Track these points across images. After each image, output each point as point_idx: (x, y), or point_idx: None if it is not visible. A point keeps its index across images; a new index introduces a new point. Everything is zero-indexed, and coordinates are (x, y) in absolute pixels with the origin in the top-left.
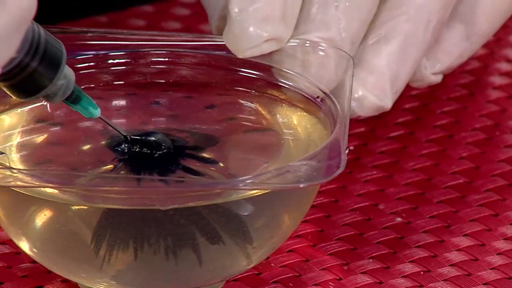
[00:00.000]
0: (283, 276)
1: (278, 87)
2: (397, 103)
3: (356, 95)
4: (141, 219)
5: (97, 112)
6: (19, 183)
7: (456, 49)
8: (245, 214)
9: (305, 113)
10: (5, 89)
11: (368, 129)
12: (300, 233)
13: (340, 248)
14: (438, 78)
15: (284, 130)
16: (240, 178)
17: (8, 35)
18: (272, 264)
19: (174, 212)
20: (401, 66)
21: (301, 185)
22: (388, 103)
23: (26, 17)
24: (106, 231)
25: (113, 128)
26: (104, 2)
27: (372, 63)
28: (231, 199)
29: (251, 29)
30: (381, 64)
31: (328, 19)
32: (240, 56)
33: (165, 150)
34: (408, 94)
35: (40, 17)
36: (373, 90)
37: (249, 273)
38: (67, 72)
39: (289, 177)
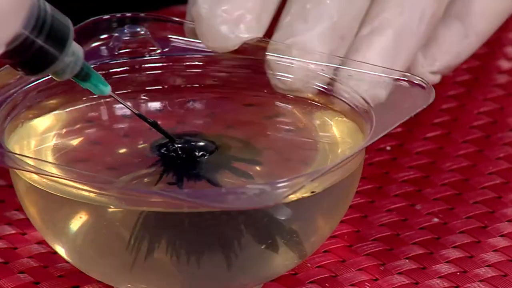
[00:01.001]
0: (319, 277)
1: (314, 89)
2: (434, 104)
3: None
4: (178, 222)
5: (108, 89)
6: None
7: (453, 47)
8: (284, 218)
9: (342, 117)
10: (13, 66)
11: (405, 130)
12: (337, 233)
13: (377, 249)
14: (436, 78)
15: (320, 134)
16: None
17: (11, 10)
18: (309, 265)
19: (211, 216)
20: (394, 58)
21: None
22: (382, 94)
23: None
24: (143, 234)
25: (126, 106)
26: (139, 2)
27: (366, 55)
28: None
29: (222, 28)
30: (374, 56)
31: (320, 14)
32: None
33: (202, 153)
34: (445, 94)
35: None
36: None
37: (286, 273)
38: (75, 48)
39: (327, 177)
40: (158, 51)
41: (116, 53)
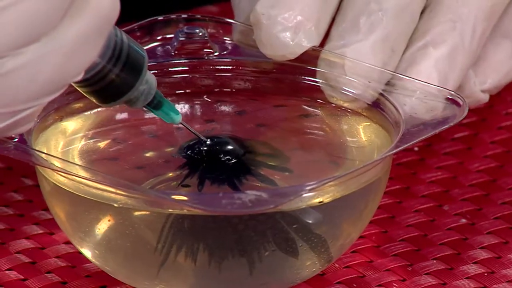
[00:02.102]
0: (347, 277)
1: (342, 95)
2: None
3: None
4: (204, 225)
5: (179, 118)
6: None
7: (503, 66)
8: (313, 221)
9: (369, 121)
10: (87, 95)
11: None
12: (364, 234)
13: (404, 249)
14: (486, 97)
15: (348, 138)
16: (307, 183)
17: (91, 37)
18: (336, 265)
19: (239, 220)
20: (450, 72)
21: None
22: (439, 106)
23: (109, 19)
24: (170, 237)
25: (194, 133)
26: (168, 2)
27: (421, 68)
28: (298, 207)
29: (282, 35)
30: (430, 68)
31: (373, 27)
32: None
33: (228, 157)
34: None
35: (156, 5)
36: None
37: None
38: (149, 77)
39: (354, 182)
40: (216, 53)
41: (173, 53)
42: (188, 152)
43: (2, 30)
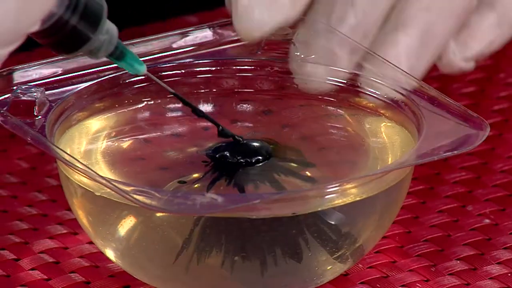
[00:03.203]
0: (370, 277)
1: (364, 95)
2: (486, 104)
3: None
4: (228, 227)
5: (143, 68)
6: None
7: (486, 35)
8: (336, 222)
9: (390, 121)
10: (49, 46)
11: None
12: (388, 234)
13: (428, 250)
14: (469, 65)
15: (371, 138)
16: (329, 184)
17: None
18: (360, 265)
19: (262, 222)
20: (419, 57)
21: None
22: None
23: None
24: (193, 238)
25: (163, 86)
26: (194, 2)
27: (389, 54)
28: (322, 208)
29: (257, 12)
30: (398, 54)
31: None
32: (247, 40)
33: (256, 157)
34: (496, 95)
35: (130, 16)
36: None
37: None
38: (109, 27)
39: (377, 182)
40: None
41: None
42: (213, 153)
43: None
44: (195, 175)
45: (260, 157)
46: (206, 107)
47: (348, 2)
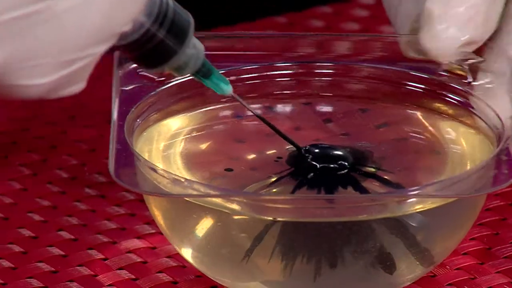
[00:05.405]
0: (457, 279)
1: (443, 101)
2: None
3: None
4: (305, 230)
5: (229, 89)
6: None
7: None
8: (418, 226)
9: (470, 128)
10: (136, 61)
11: None
12: (476, 235)
13: None
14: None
15: (450, 144)
16: (410, 189)
17: None
18: (447, 267)
19: (342, 226)
20: None
21: (470, 195)
22: None
23: None
24: (274, 243)
25: (247, 107)
26: (282, 3)
27: None
28: (404, 213)
29: (451, 31)
30: None
31: None
32: (438, 59)
33: (335, 163)
34: None
35: (219, 17)
36: None
37: (424, 275)
38: (196, 43)
39: (457, 187)
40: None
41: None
42: (294, 157)
43: None
44: (273, 178)
45: (340, 162)
46: (299, 108)
47: None
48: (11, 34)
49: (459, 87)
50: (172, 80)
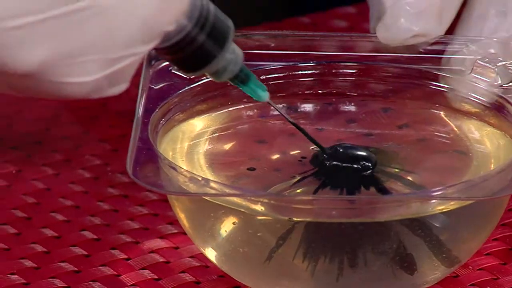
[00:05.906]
0: (480, 279)
1: (467, 101)
2: None
3: None
4: (328, 231)
5: (266, 95)
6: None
7: None
8: (441, 226)
9: (494, 129)
10: (176, 64)
11: None
12: (498, 236)
13: None
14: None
15: (474, 144)
16: (433, 189)
17: None
18: (470, 267)
19: (363, 227)
20: None
21: (492, 196)
22: None
23: None
24: (297, 243)
25: (282, 114)
26: (307, 3)
27: None
28: (427, 213)
29: (402, 22)
30: None
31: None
32: (390, 44)
33: (358, 164)
34: None
35: (244, 17)
36: None
37: (447, 275)
38: (236, 48)
39: (480, 188)
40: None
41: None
42: (317, 157)
43: None
44: (297, 178)
45: (363, 163)
46: (322, 108)
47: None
48: (57, 30)
49: (484, 87)
50: (203, 78)
